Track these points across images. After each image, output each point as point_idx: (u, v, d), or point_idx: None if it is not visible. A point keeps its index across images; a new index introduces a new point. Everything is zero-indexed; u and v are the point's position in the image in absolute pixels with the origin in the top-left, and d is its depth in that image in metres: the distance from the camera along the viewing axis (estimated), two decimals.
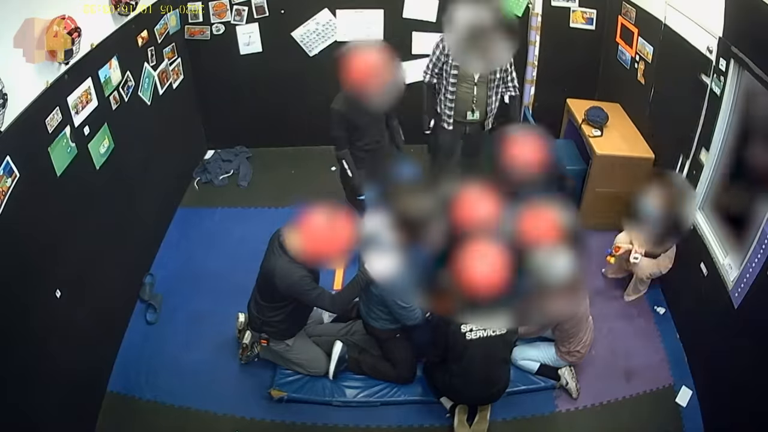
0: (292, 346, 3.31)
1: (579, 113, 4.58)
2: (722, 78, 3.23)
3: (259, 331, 3.26)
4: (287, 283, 2.91)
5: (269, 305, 3.14)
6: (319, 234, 2.50)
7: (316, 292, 2.97)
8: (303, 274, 2.90)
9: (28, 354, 2.72)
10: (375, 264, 2.79)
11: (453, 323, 2.91)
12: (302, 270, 2.90)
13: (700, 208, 3.62)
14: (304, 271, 2.90)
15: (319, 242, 2.52)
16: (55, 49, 2.87)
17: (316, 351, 3.42)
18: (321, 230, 2.48)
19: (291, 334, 3.29)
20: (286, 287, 2.92)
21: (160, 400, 3.40)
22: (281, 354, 3.36)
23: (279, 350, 3.32)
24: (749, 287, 2.90)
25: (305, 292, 2.94)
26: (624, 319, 3.89)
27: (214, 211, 4.91)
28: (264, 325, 3.22)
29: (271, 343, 3.29)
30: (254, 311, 3.24)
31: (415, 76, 5.32)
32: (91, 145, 3.38)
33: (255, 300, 3.23)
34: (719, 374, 3.23)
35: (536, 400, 3.41)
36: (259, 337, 3.28)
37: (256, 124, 5.51)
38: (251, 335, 3.47)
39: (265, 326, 3.22)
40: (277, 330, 3.23)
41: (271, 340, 3.27)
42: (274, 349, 3.32)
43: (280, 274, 2.90)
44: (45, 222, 2.91)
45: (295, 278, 2.89)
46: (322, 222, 2.49)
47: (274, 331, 3.23)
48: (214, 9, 4.87)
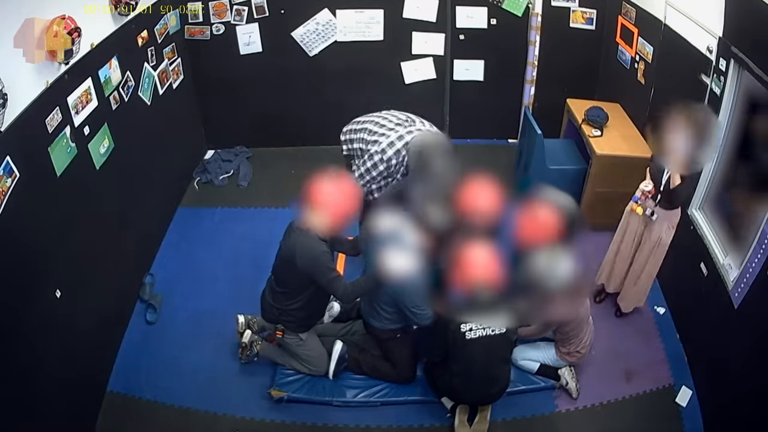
0: (305, 340, 3.29)
1: (579, 113, 4.58)
2: (722, 78, 3.23)
3: (276, 321, 3.23)
4: (308, 258, 2.88)
5: (287, 292, 3.11)
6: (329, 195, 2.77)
7: (334, 274, 2.96)
8: (324, 250, 2.91)
9: (28, 354, 2.72)
10: (394, 264, 2.78)
11: (453, 322, 2.91)
12: (323, 245, 2.90)
13: (700, 208, 3.63)
14: (324, 246, 2.91)
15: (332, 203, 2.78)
16: (55, 49, 2.87)
17: (323, 350, 3.41)
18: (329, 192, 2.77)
19: (307, 326, 3.27)
20: (308, 262, 2.89)
21: (160, 400, 3.40)
22: (291, 347, 3.33)
23: (291, 343, 3.29)
24: (749, 287, 2.90)
25: (324, 270, 2.92)
26: (624, 319, 3.89)
27: (214, 211, 4.91)
28: (282, 315, 3.19)
29: (285, 335, 3.25)
30: (270, 301, 3.20)
31: (414, 76, 5.36)
32: (91, 145, 3.38)
33: (271, 289, 3.20)
34: (719, 374, 3.23)
35: (536, 400, 3.41)
36: (275, 329, 3.25)
37: (256, 124, 5.51)
38: (250, 334, 3.47)
39: (283, 316, 3.19)
40: (295, 320, 3.20)
41: (287, 331, 3.24)
42: (287, 341, 3.28)
43: (301, 250, 2.88)
44: (45, 222, 2.91)
45: (316, 252, 2.88)
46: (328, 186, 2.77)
47: (292, 321, 3.20)
48: (214, 9, 4.87)
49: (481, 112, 5.63)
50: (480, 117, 5.67)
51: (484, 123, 5.71)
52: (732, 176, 3.37)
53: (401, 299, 3.11)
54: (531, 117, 4.57)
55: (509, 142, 5.72)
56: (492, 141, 5.77)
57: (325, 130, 5.59)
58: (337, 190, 2.82)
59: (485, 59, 5.34)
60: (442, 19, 5.08)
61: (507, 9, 5.05)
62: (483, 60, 5.34)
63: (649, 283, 3.70)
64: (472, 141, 5.74)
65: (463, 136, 5.74)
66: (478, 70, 5.40)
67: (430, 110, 5.57)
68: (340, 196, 2.81)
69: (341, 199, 2.81)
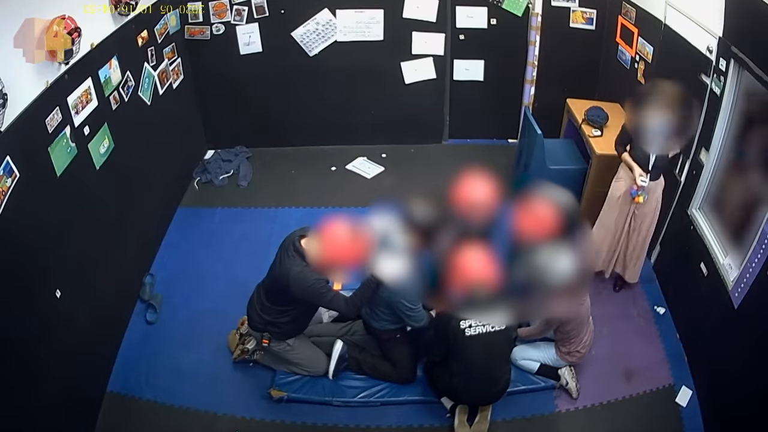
0: (293, 346, 3.31)
1: (579, 113, 4.58)
2: (722, 78, 3.23)
3: (262, 330, 3.25)
4: (303, 287, 2.89)
5: (277, 308, 3.13)
6: (339, 246, 2.53)
7: (331, 294, 2.95)
8: (318, 278, 2.89)
9: (28, 354, 2.72)
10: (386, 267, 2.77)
11: (453, 319, 2.91)
12: (317, 274, 2.88)
13: (700, 208, 3.63)
14: (318, 274, 2.89)
15: (338, 254, 2.56)
16: (55, 49, 2.87)
17: (314, 350, 3.42)
18: (342, 243, 2.51)
19: (294, 334, 3.29)
20: (302, 291, 2.90)
21: (160, 400, 3.40)
22: (281, 354, 3.35)
23: (279, 350, 3.32)
24: (749, 287, 2.90)
25: (320, 296, 2.93)
26: (624, 319, 3.89)
27: (214, 211, 4.91)
28: (268, 326, 3.21)
29: (272, 344, 3.28)
30: (259, 311, 3.21)
31: (414, 76, 5.36)
32: (91, 145, 3.38)
33: (260, 301, 3.21)
34: (719, 374, 3.23)
35: (536, 400, 3.41)
36: (261, 337, 3.27)
37: (256, 124, 5.52)
38: (255, 342, 3.47)
39: (270, 326, 3.21)
40: (282, 331, 3.22)
41: (273, 340, 3.26)
42: (274, 349, 3.31)
43: (295, 279, 2.87)
44: (45, 222, 2.91)
45: (310, 281, 2.87)
46: (344, 234, 2.51)
47: (278, 332, 3.22)
48: (214, 9, 4.87)
49: (481, 112, 5.63)
50: (480, 117, 5.67)
51: (484, 123, 5.71)
52: (732, 176, 3.38)
53: (394, 301, 3.12)
54: (531, 117, 4.57)
55: (509, 142, 5.72)
56: (492, 141, 5.77)
57: (325, 130, 5.62)
58: (350, 243, 2.48)
59: (485, 59, 5.34)
60: (442, 19, 5.08)
61: (507, 9, 5.05)
62: (483, 60, 5.34)
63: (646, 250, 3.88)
64: (472, 141, 5.75)
65: (463, 136, 5.75)
66: (478, 70, 5.40)
67: (430, 110, 5.60)
68: (348, 249, 2.48)
69: (348, 252, 2.50)
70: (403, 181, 5.17)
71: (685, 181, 3.71)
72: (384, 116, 5.53)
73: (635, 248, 3.79)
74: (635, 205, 3.59)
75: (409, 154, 5.62)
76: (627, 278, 3.96)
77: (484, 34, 5.17)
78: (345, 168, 5.43)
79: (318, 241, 2.76)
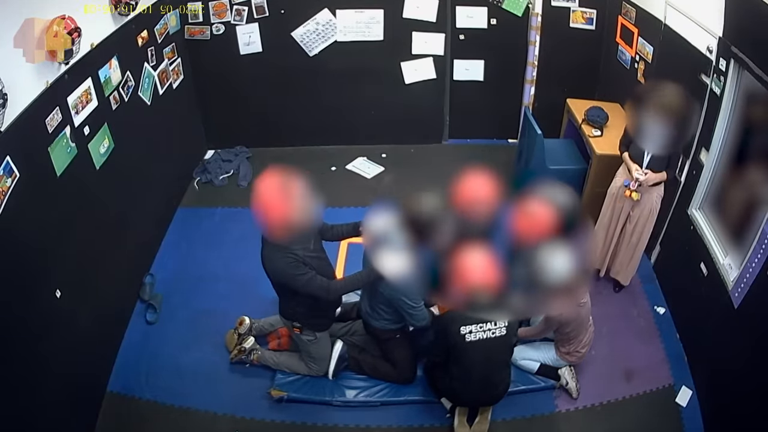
0: (319, 338, 3.27)
1: (579, 113, 4.58)
2: (722, 78, 3.23)
3: (292, 319, 3.18)
4: (272, 269, 2.81)
5: (282, 299, 3.11)
6: (270, 198, 2.55)
7: (307, 276, 2.79)
8: (287, 258, 2.74)
9: (28, 354, 2.72)
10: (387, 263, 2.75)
11: (453, 325, 2.91)
12: (285, 252, 2.75)
13: (700, 208, 3.63)
14: (287, 252, 2.75)
15: (273, 206, 2.54)
16: (55, 49, 2.87)
17: (329, 351, 3.40)
18: (270, 194, 2.55)
19: (321, 329, 3.23)
20: (276, 274, 2.83)
21: (160, 400, 3.40)
22: (303, 344, 3.29)
23: (305, 340, 3.26)
24: (749, 287, 2.90)
25: (294, 277, 2.78)
26: (624, 319, 3.89)
27: (214, 211, 4.91)
28: (294, 315, 3.16)
29: (303, 332, 3.21)
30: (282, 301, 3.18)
31: (414, 76, 5.36)
32: (91, 145, 3.38)
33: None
34: (719, 374, 3.23)
35: (536, 400, 3.41)
36: (292, 325, 3.20)
37: (256, 124, 5.52)
38: (253, 341, 3.47)
39: (296, 316, 3.16)
40: (307, 321, 3.17)
41: (305, 329, 3.20)
42: (303, 338, 3.25)
43: (269, 263, 2.81)
44: (45, 222, 2.91)
45: (279, 263, 2.76)
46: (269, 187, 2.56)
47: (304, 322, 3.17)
48: (214, 9, 4.87)
49: (481, 112, 5.63)
50: (480, 117, 5.67)
51: (484, 123, 5.71)
52: (732, 176, 3.38)
53: (395, 299, 3.12)
54: (531, 117, 4.57)
55: (509, 142, 5.72)
56: (492, 141, 5.77)
57: (325, 130, 5.62)
58: (273, 191, 2.53)
59: (485, 59, 5.34)
60: (442, 19, 5.08)
61: (507, 9, 5.05)
62: (483, 60, 5.34)
63: (642, 252, 3.88)
64: (472, 141, 5.75)
65: (463, 136, 5.75)
66: (478, 70, 5.40)
67: (430, 110, 5.60)
68: (275, 197, 2.51)
69: (277, 201, 2.51)
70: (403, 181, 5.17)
71: (685, 181, 3.71)
72: (384, 116, 5.54)
73: (627, 251, 3.82)
74: (630, 206, 3.60)
75: (409, 154, 5.62)
76: (621, 281, 4.00)
77: (484, 34, 5.17)
78: (345, 168, 5.44)
79: (256, 210, 2.59)
